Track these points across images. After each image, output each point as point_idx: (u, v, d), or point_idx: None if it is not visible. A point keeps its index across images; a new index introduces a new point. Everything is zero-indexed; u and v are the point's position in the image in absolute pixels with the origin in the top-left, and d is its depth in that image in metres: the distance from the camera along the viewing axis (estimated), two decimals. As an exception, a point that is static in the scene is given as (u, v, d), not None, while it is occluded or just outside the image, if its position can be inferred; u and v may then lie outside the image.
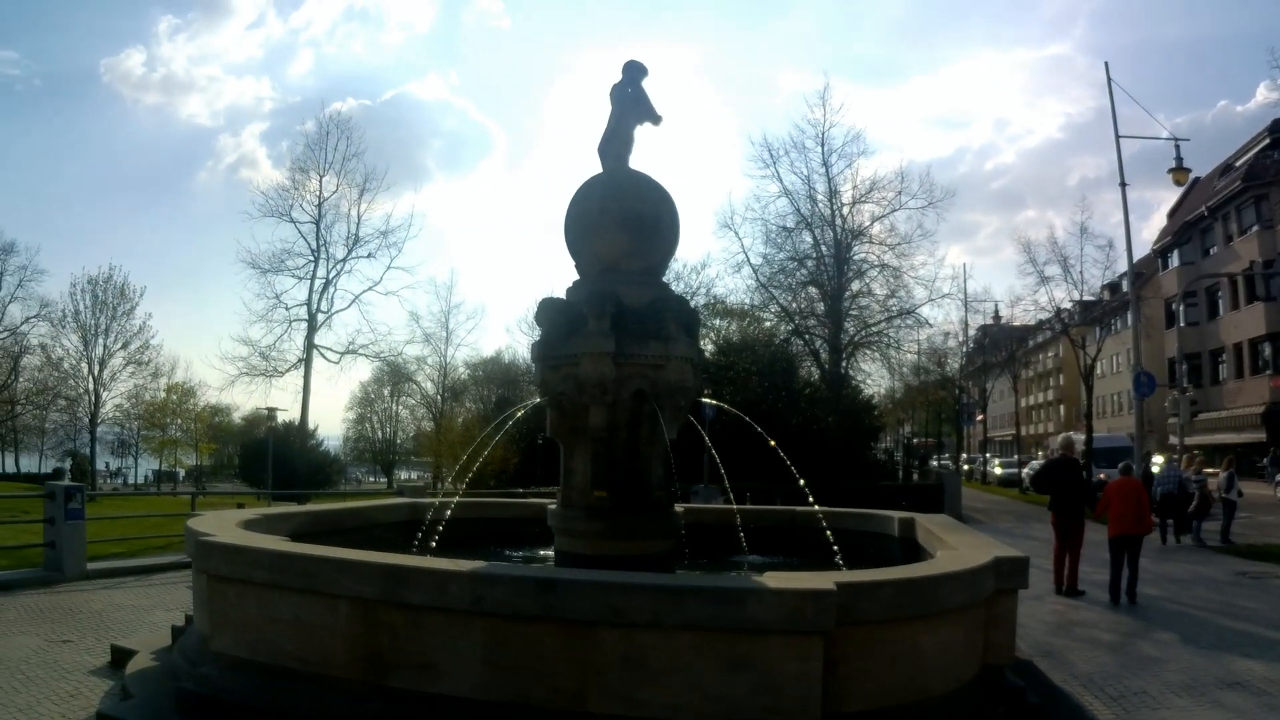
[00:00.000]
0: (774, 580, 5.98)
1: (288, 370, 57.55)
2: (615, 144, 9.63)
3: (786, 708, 5.67)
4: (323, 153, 58.02)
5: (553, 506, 9.36)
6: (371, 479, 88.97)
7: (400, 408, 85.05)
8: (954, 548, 7.88)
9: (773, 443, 10.60)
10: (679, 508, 9.69)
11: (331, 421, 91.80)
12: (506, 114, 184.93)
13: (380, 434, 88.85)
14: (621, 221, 9.17)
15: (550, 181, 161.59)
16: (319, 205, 58.02)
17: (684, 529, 9.60)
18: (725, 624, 5.68)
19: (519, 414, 11.13)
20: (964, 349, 66.07)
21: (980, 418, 77.71)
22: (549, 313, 9.17)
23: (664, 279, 10.10)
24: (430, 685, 6.09)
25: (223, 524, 8.36)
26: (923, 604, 6.33)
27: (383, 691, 6.24)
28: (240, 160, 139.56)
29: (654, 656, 5.75)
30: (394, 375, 75.21)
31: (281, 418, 56.78)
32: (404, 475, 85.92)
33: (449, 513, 10.25)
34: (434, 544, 9.07)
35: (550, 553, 9.64)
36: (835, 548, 9.36)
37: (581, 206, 9.49)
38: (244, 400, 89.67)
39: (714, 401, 15.67)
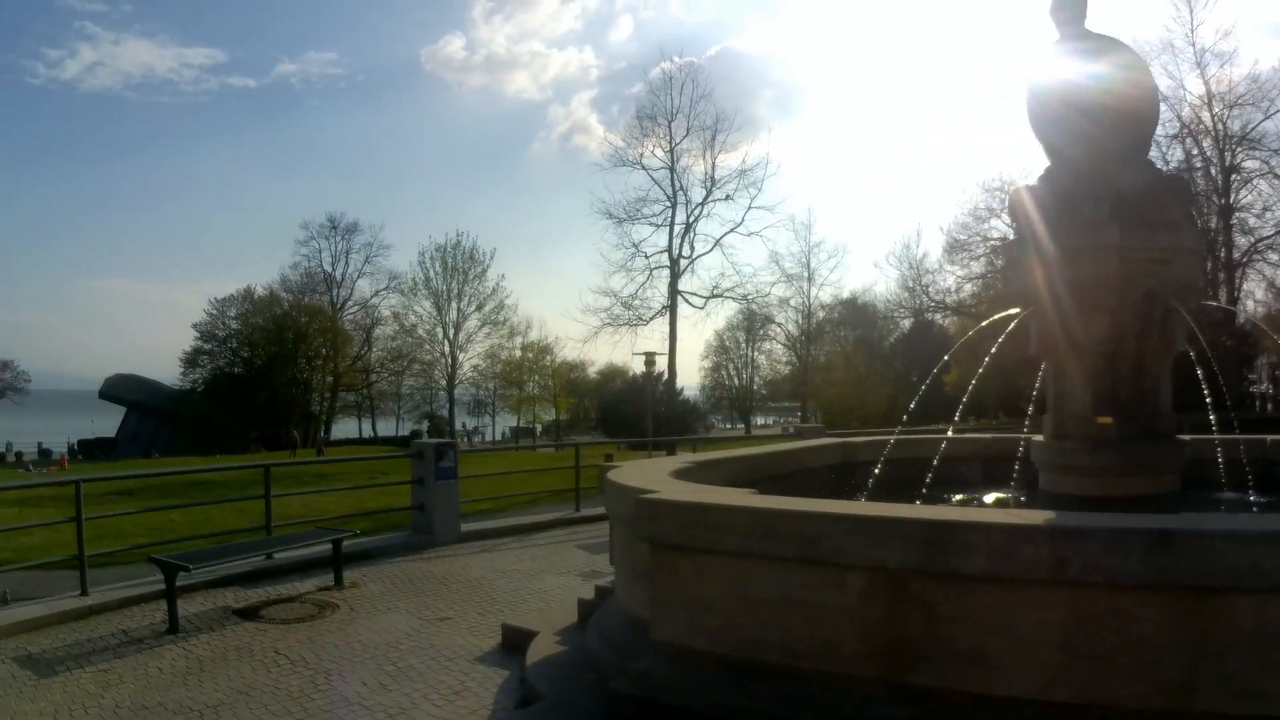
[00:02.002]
0: None
1: (652, 318, 60.09)
2: (1069, 5, 8.67)
3: None
4: (668, 97, 59.62)
5: (1038, 439, 8.60)
6: (727, 426, 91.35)
7: (757, 353, 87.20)
8: None
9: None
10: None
11: (687, 371, 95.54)
12: (834, 54, 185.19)
13: (737, 380, 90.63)
14: (1098, 91, 8.27)
15: (893, 112, 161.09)
16: (671, 150, 59.63)
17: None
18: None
19: (1011, 325, 9.46)
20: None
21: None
22: (1031, 202, 8.34)
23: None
24: (974, 682, 5.05)
25: (655, 477, 7.34)
26: None
27: (903, 692, 5.25)
28: (572, 128, 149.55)
29: (1294, 632, 4.65)
30: (750, 321, 77.93)
31: (642, 366, 60.19)
32: (759, 420, 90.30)
33: (883, 452, 9.76)
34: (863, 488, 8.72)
35: (1000, 494, 9.13)
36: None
37: (1047, 81, 8.70)
38: (608, 351, 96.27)
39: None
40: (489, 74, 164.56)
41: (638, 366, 61.74)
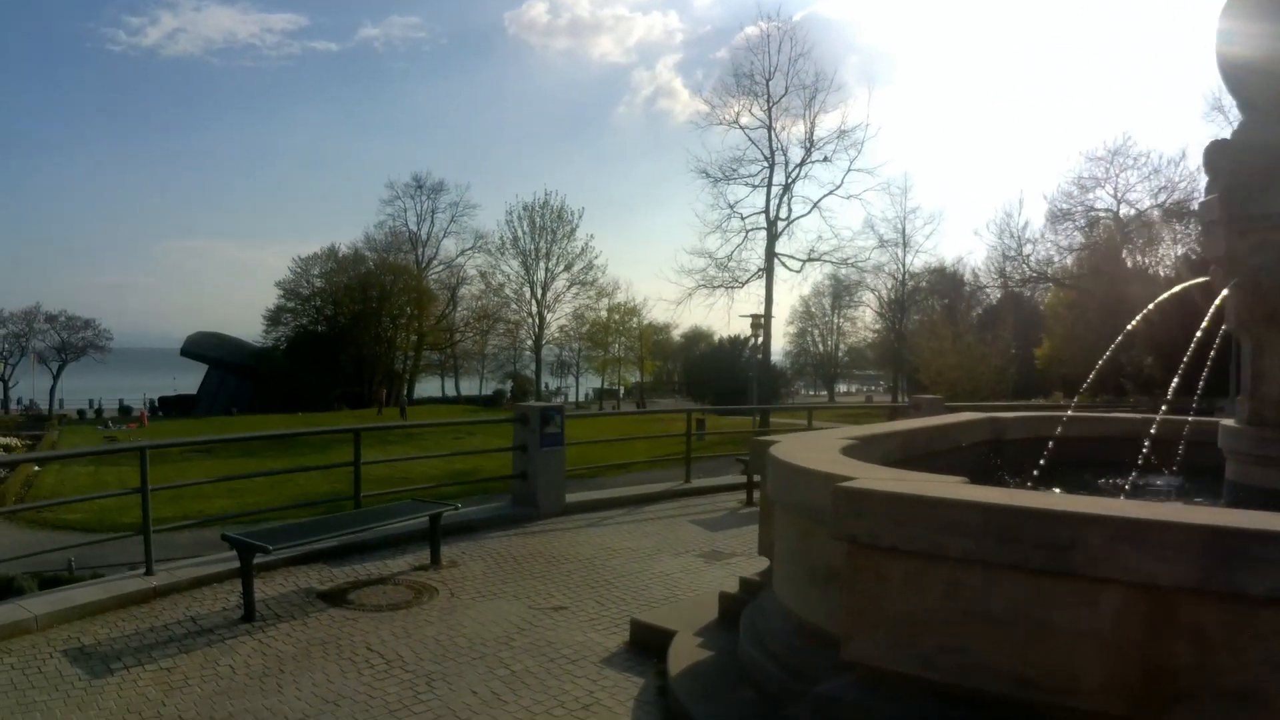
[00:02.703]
0: None
1: (749, 280, 60.10)
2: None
3: None
4: (766, 56, 59.31)
5: (1228, 423, 8.00)
6: (810, 393, 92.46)
7: (842, 320, 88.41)
8: None
9: None
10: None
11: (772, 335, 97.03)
12: (920, 19, 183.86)
13: (821, 347, 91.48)
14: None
15: (983, 79, 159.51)
16: (769, 110, 59.27)
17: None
18: None
19: (1220, 298, 8.72)
20: None
21: None
22: (1230, 159, 7.65)
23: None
24: (1242, 726, 4.28)
25: (829, 456, 6.26)
26: None
27: (1157, 733, 4.46)
28: (657, 92, 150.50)
29: None
30: (837, 287, 79.74)
31: (732, 330, 61.94)
32: (840, 388, 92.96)
33: (1040, 430, 9.53)
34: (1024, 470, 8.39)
35: (1158, 481, 8.54)
36: None
37: (1244, 26, 8.02)
38: (703, 314, 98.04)
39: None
40: (573, 37, 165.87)
41: (728, 330, 63.41)
